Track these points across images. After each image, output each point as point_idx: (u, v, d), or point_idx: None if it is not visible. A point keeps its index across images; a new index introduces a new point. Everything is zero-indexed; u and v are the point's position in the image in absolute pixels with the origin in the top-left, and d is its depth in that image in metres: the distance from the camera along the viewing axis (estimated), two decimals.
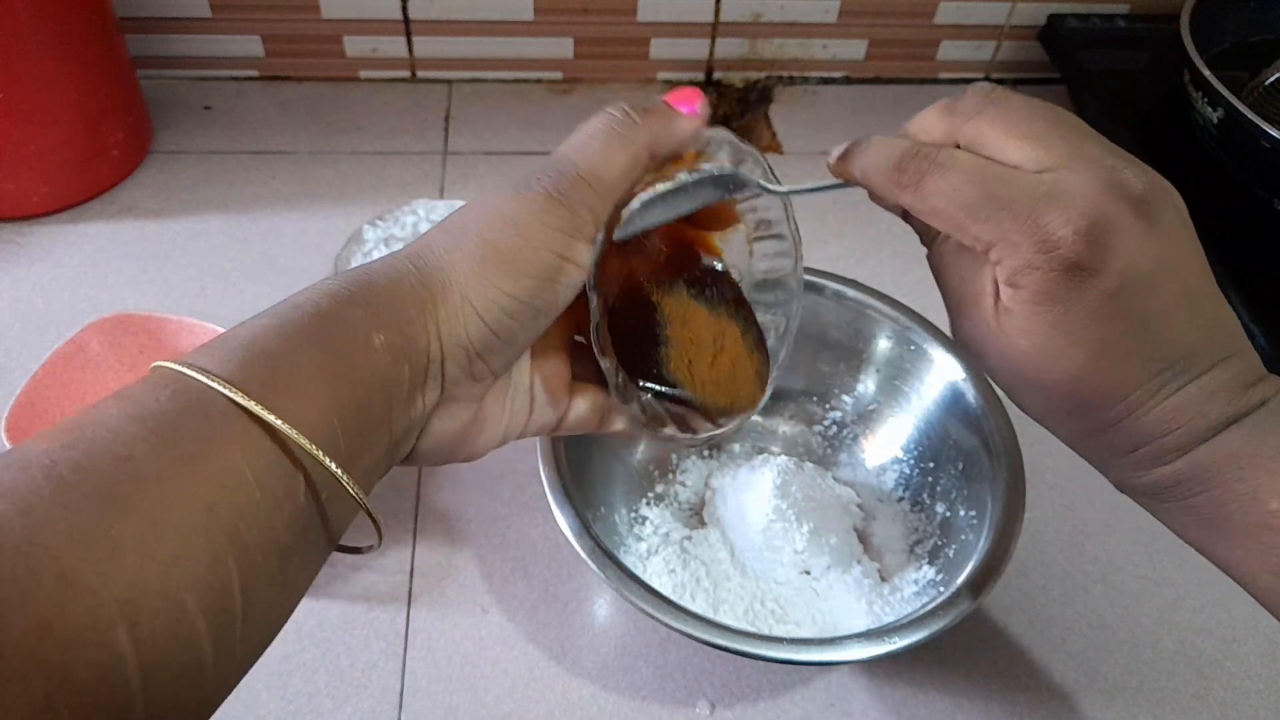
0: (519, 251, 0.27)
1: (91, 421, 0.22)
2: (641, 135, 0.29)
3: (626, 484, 0.49)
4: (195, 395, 0.23)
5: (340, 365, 0.25)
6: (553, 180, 0.28)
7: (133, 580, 0.20)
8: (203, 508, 0.21)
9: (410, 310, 0.27)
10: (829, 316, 0.49)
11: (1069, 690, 0.44)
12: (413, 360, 0.27)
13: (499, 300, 0.27)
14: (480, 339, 0.27)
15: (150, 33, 0.70)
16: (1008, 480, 0.42)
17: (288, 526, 0.24)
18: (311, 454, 0.23)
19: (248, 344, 0.24)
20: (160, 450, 0.21)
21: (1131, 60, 0.71)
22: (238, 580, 0.22)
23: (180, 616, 0.21)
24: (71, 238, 0.61)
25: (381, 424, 0.26)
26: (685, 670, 0.44)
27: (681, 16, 0.72)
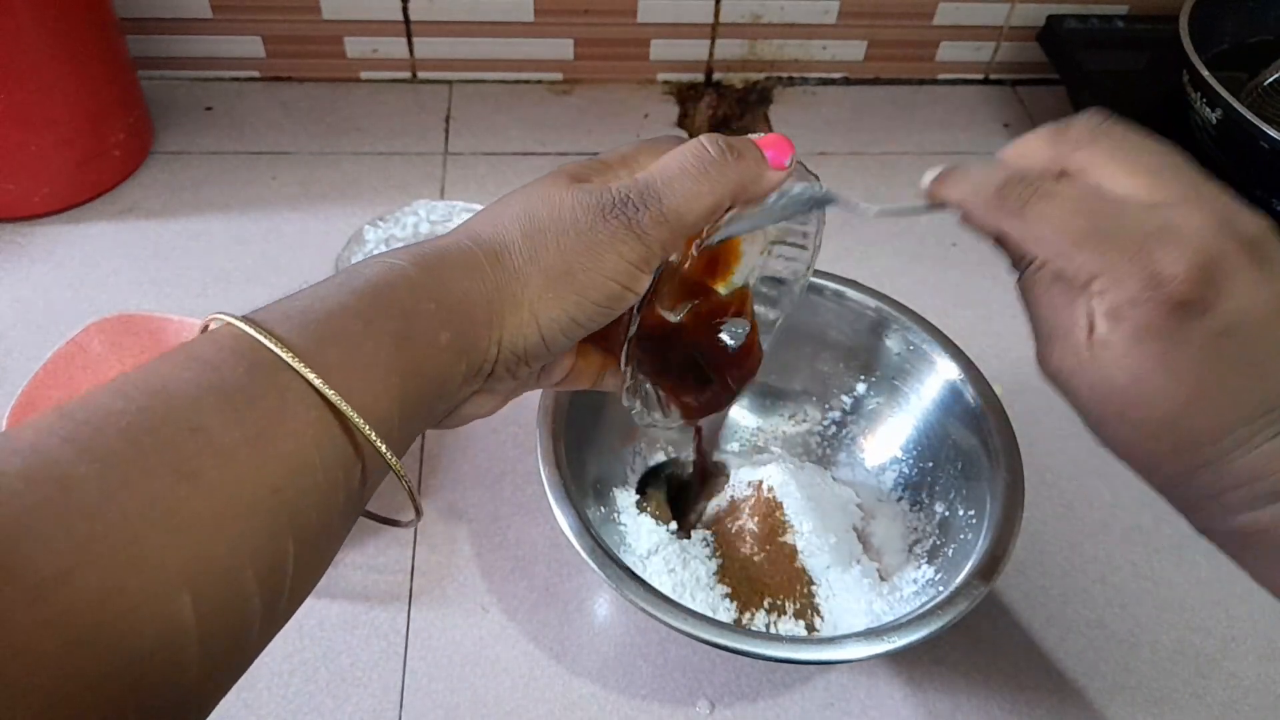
0: (591, 279, 0.28)
1: (167, 385, 0.22)
2: (731, 181, 0.29)
3: (627, 483, 0.49)
4: (271, 370, 0.23)
5: (410, 361, 0.26)
6: (635, 210, 0.28)
7: (199, 553, 0.20)
8: (270, 488, 0.22)
9: (479, 315, 0.27)
10: (829, 316, 0.49)
11: (1068, 689, 0.44)
12: (470, 359, 0.27)
13: (561, 320, 0.28)
14: (534, 349, 0.28)
15: (151, 33, 0.70)
16: (1007, 480, 0.42)
17: (341, 509, 0.24)
18: (376, 448, 0.24)
19: (324, 321, 0.25)
20: (234, 425, 0.22)
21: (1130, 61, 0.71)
22: (292, 558, 0.23)
23: (240, 591, 0.21)
24: (73, 238, 0.61)
25: (430, 411, 0.27)
26: (685, 670, 0.44)
27: (681, 17, 0.73)
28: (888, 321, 0.48)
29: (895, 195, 0.69)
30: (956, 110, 0.77)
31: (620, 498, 0.48)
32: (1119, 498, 0.52)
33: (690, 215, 0.28)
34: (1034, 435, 0.48)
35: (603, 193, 0.28)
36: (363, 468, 0.25)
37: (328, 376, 0.23)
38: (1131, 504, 0.52)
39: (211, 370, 0.23)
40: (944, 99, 0.78)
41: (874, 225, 0.66)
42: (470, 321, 0.27)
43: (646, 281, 0.29)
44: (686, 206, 0.28)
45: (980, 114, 0.77)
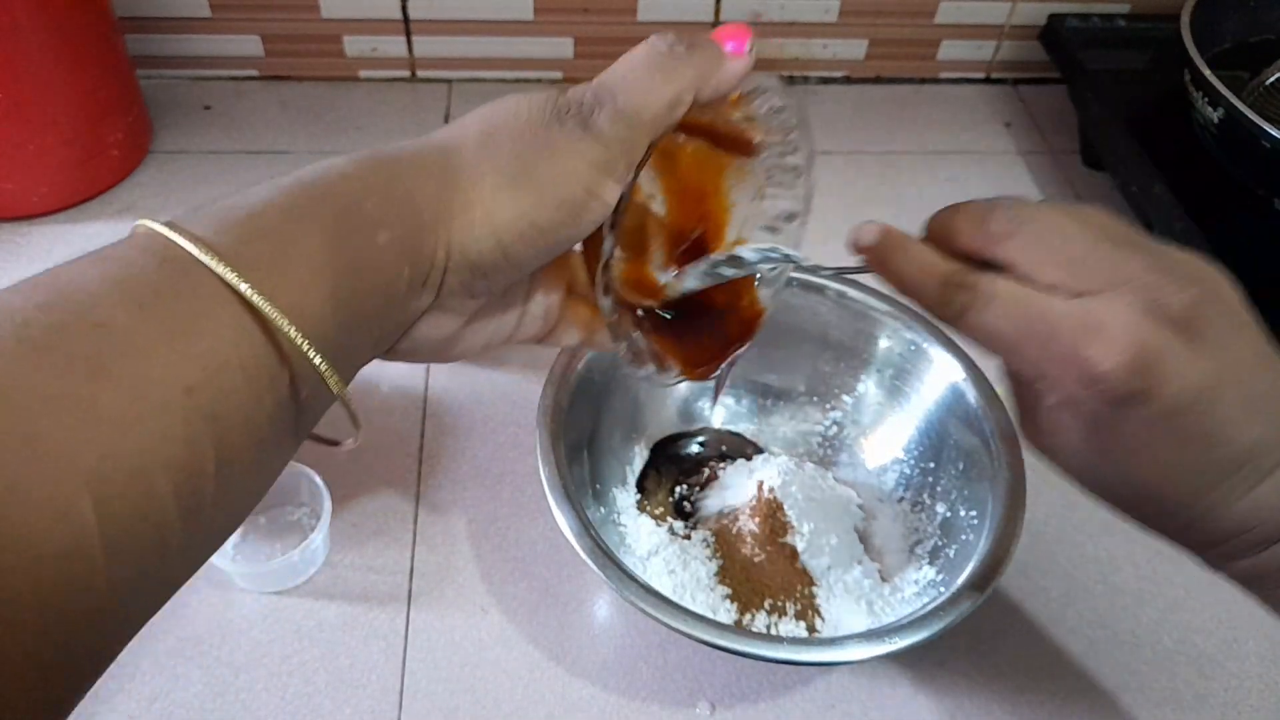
0: (550, 179, 0.26)
1: (71, 283, 0.21)
2: (687, 73, 0.27)
3: (627, 483, 0.49)
4: (184, 267, 0.22)
5: (343, 258, 0.24)
6: (591, 110, 0.27)
7: (105, 452, 0.19)
8: (182, 387, 0.20)
9: (425, 213, 0.25)
10: (829, 316, 0.49)
11: (1070, 690, 0.44)
12: (415, 262, 0.25)
13: (518, 224, 0.26)
14: (490, 258, 0.26)
15: (150, 32, 0.70)
16: (1008, 480, 0.42)
17: (269, 418, 0.23)
18: (301, 348, 0.22)
19: (246, 219, 0.23)
20: (143, 322, 0.20)
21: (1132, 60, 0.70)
22: (212, 465, 0.21)
23: (150, 494, 0.20)
24: (71, 237, 0.61)
25: (372, 320, 0.26)
26: (685, 670, 0.44)
27: (681, 16, 0.72)
28: (889, 321, 0.48)
29: (896, 194, 0.69)
30: (958, 109, 0.77)
31: (620, 498, 0.48)
32: None
33: (647, 110, 0.27)
34: None
35: (558, 95, 0.27)
36: (292, 373, 0.23)
37: (245, 273, 0.22)
38: None
39: (120, 267, 0.21)
40: (945, 98, 0.78)
41: None
42: (415, 220, 0.25)
43: (612, 189, 0.27)
44: (642, 101, 0.27)
45: (981, 113, 0.76)
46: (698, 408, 0.52)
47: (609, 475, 0.48)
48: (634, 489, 0.49)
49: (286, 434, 0.24)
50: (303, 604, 0.45)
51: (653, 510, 0.48)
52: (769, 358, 0.51)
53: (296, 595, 0.45)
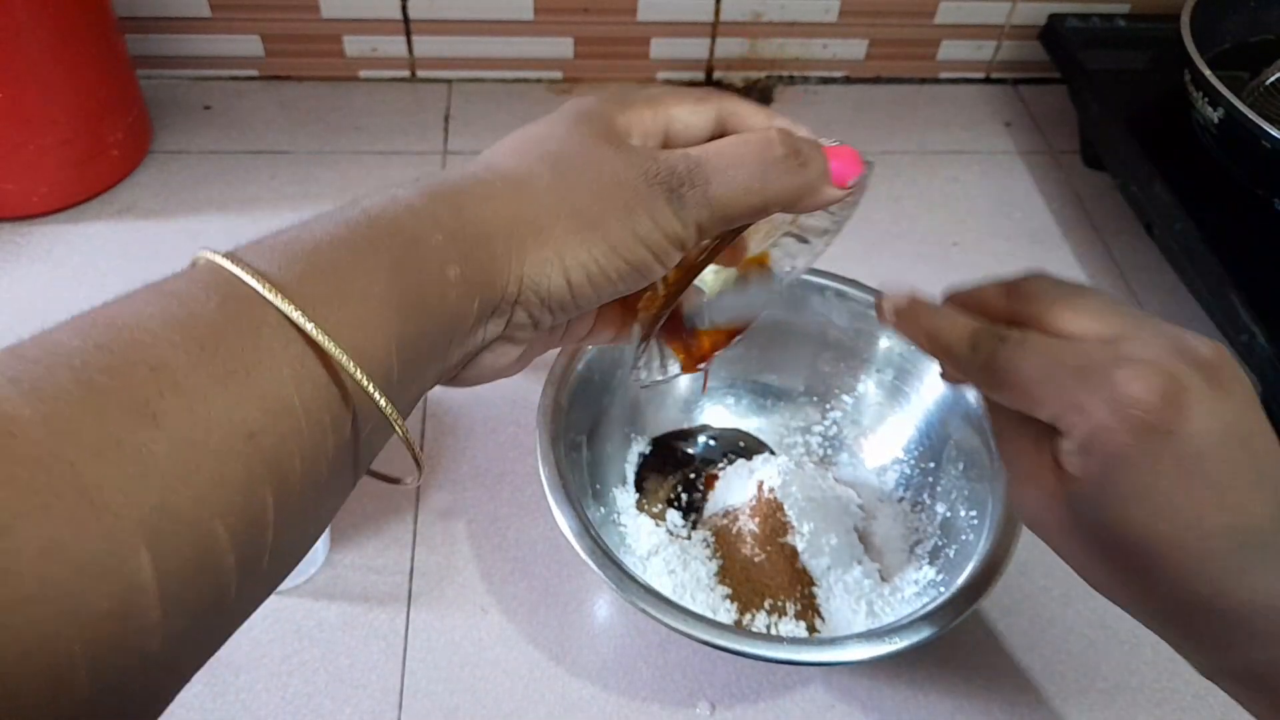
0: (625, 236, 0.26)
1: (129, 322, 0.20)
2: (788, 189, 0.27)
3: (627, 483, 0.49)
4: (246, 304, 0.21)
5: (410, 294, 0.23)
6: (682, 184, 0.26)
7: (162, 504, 0.18)
8: (244, 433, 0.20)
9: (497, 246, 0.25)
10: (829, 316, 0.49)
11: (1070, 690, 0.44)
12: (485, 296, 0.25)
13: (589, 267, 0.26)
14: (559, 295, 0.26)
15: (150, 32, 0.70)
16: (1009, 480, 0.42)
17: (330, 460, 0.22)
18: (365, 390, 0.22)
19: (311, 253, 0.22)
20: (202, 364, 0.19)
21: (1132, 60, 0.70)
22: (272, 512, 0.20)
23: (210, 547, 0.19)
24: (71, 238, 0.61)
25: (438, 356, 0.25)
26: (685, 670, 0.44)
27: (681, 16, 0.72)
28: None
29: (896, 194, 0.69)
30: (958, 109, 0.77)
31: (620, 498, 0.48)
32: None
33: (735, 209, 0.27)
34: None
35: (649, 156, 0.26)
36: (354, 413, 0.22)
37: (309, 310, 0.21)
38: None
39: (179, 305, 0.20)
40: (945, 98, 0.78)
41: (874, 225, 0.66)
42: (486, 253, 0.25)
43: (676, 258, 0.27)
44: (733, 199, 0.26)
45: (981, 113, 0.76)
46: (697, 407, 0.52)
47: (609, 475, 0.48)
48: (634, 489, 0.49)
49: (345, 475, 0.24)
50: (303, 604, 0.45)
51: (652, 510, 0.48)
52: (769, 358, 0.51)
53: (296, 595, 0.45)
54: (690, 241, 0.27)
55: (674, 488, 0.49)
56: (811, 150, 0.28)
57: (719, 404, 0.52)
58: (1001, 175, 0.71)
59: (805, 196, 0.28)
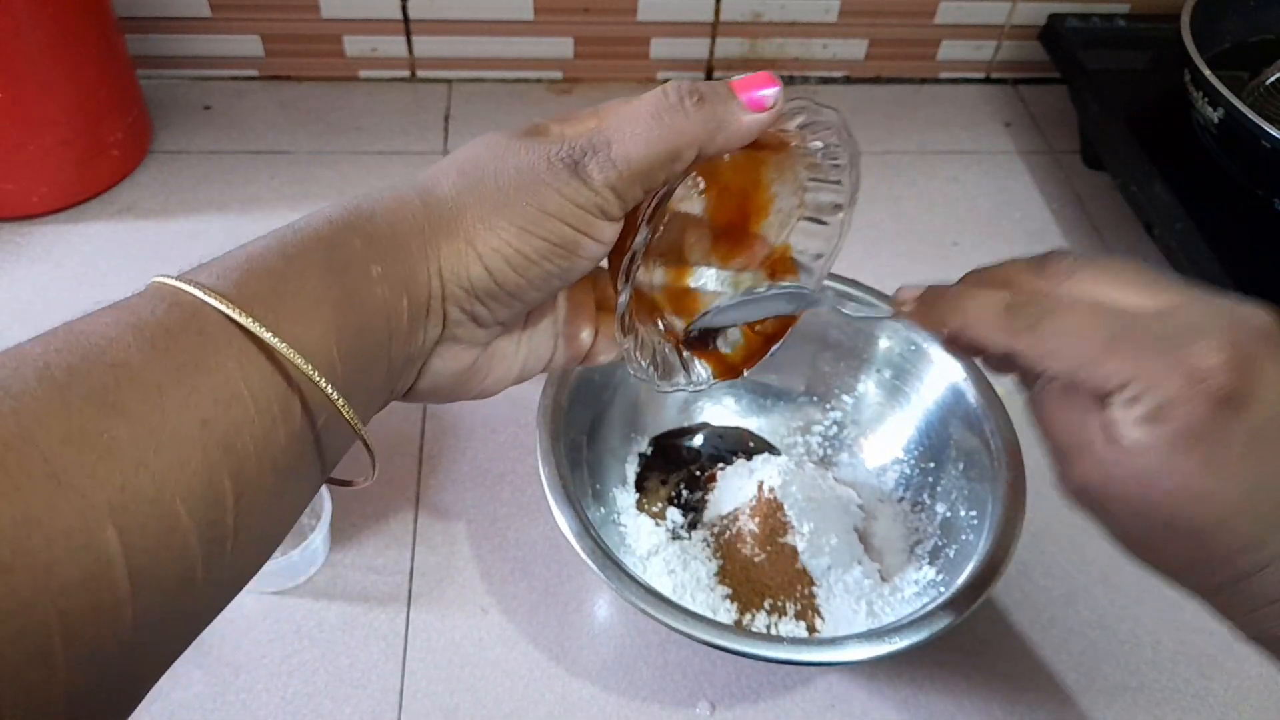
0: (534, 214, 0.26)
1: (85, 329, 0.22)
2: (690, 129, 0.27)
3: (627, 483, 0.49)
4: (192, 310, 0.23)
5: (340, 290, 0.25)
6: (582, 152, 0.26)
7: (125, 485, 0.20)
8: (198, 420, 0.21)
9: (411, 244, 0.26)
10: (829, 316, 0.49)
11: (1070, 690, 0.44)
12: (412, 292, 0.26)
13: (503, 251, 0.27)
14: (482, 284, 0.27)
15: (150, 32, 0.70)
16: (1008, 480, 0.42)
17: (284, 448, 0.24)
18: (307, 375, 0.23)
19: (245, 263, 0.24)
20: (156, 360, 0.21)
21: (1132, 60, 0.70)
22: (232, 496, 0.22)
23: (173, 526, 0.21)
24: (71, 238, 0.61)
25: (380, 353, 0.26)
26: (685, 670, 0.44)
27: (682, 16, 0.72)
28: (889, 321, 0.48)
29: (896, 194, 0.69)
30: (958, 109, 0.77)
31: (620, 498, 0.48)
32: None
33: (643, 161, 0.26)
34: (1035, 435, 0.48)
35: (553, 142, 0.27)
36: (303, 402, 0.24)
37: (247, 308, 0.23)
38: None
39: (131, 314, 0.22)
40: (945, 98, 0.78)
41: (874, 225, 0.66)
42: (402, 253, 0.26)
43: (607, 229, 0.27)
44: (638, 152, 0.26)
45: (981, 113, 0.76)
46: (696, 406, 0.52)
47: (609, 475, 0.48)
48: (634, 489, 0.49)
49: (307, 463, 0.25)
50: (303, 604, 0.45)
51: (652, 510, 0.48)
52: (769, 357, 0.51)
53: (296, 595, 0.45)
54: (611, 206, 0.27)
55: (674, 488, 0.49)
56: (710, 88, 0.27)
57: (719, 404, 0.52)
58: (1001, 175, 0.71)
59: (718, 129, 0.27)
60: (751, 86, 0.28)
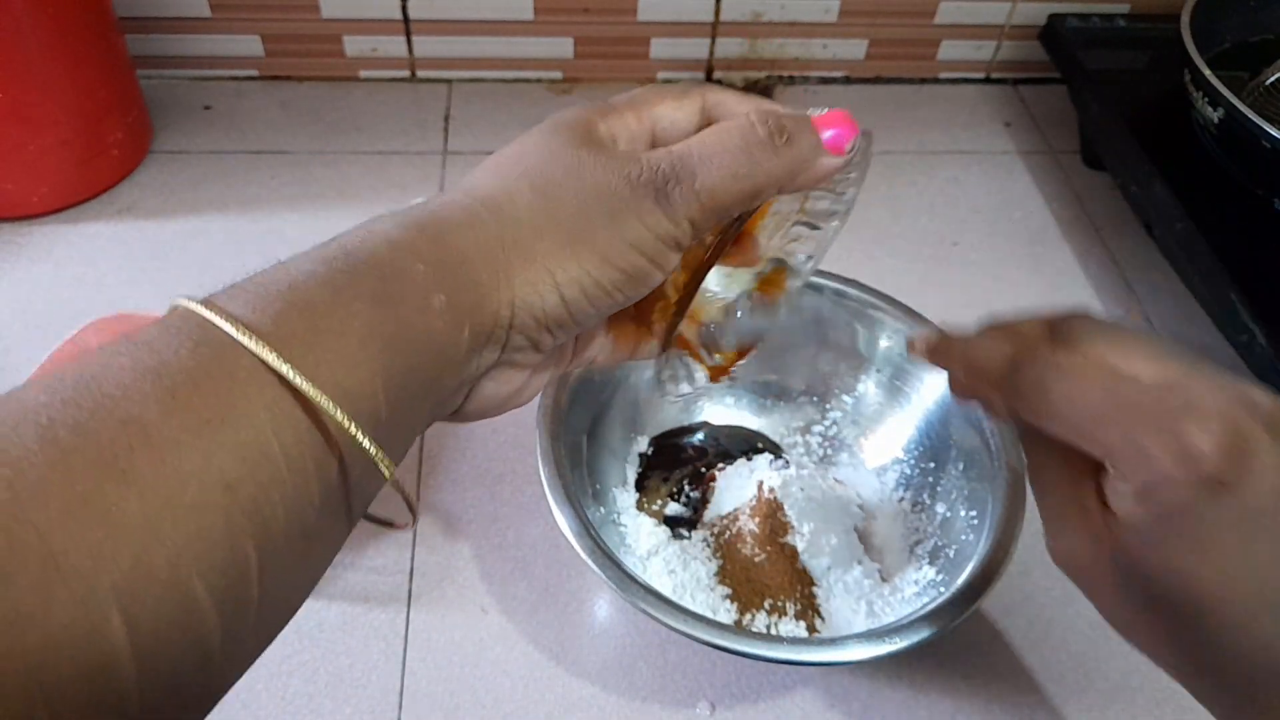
0: (615, 244, 0.25)
1: (98, 374, 0.19)
2: (778, 170, 0.26)
3: (627, 483, 0.49)
4: (220, 349, 0.20)
5: (393, 328, 0.22)
6: (667, 182, 0.25)
7: (135, 564, 0.17)
8: (220, 484, 0.19)
9: (482, 272, 0.24)
10: (829, 316, 0.49)
11: (1070, 691, 0.44)
12: (476, 322, 0.24)
13: (583, 281, 0.25)
14: (556, 314, 0.25)
15: (150, 32, 0.70)
16: (1009, 480, 0.42)
17: (316, 508, 0.21)
18: (348, 432, 0.21)
19: (286, 293, 0.21)
20: (175, 413, 0.19)
21: (1132, 60, 0.70)
22: (256, 566, 0.20)
23: (188, 606, 0.18)
24: (71, 238, 0.61)
25: (429, 391, 0.24)
26: (685, 670, 0.44)
27: (682, 16, 0.72)
28: (889, 321, 0.48)
29: (896, 194, 0.69)
30: (957, 109, 0.77)
31: (620, 498, 0.48)
32: None
33: (726, 197, 0.26)
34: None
35: (630, 159, 0.25)
36: (340, 456, 0.21)
37: (283, 350, 0.20)
38: None
39: (150, 353, 0.20)
40: (945, 98, 0.78)
41: (874, 225, 0.66)
42: (471, 280, 0.24)
43: (674, 260, 0.26)
44: (723, 188, 0.25)
45: (981, 113, 0.76)
46: (697, 405, 0.52)
47: (609, 475, 0.48)
48: (634, 489, 0.49)
49: (337, 520, 0.23)
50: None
51: (652, 510, 0.48)
52: (769, 357, 0.51)
53: None
54: (685, 239, 0.26)
55: (674, 487, 0.49)
56: (797, 124, 0.27)
57: (719, 403, 0.52)
58: (1001, 175, 0.71)
59: (799, 172, 0.27)
60: (832, 125, 0.27)
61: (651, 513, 0.48)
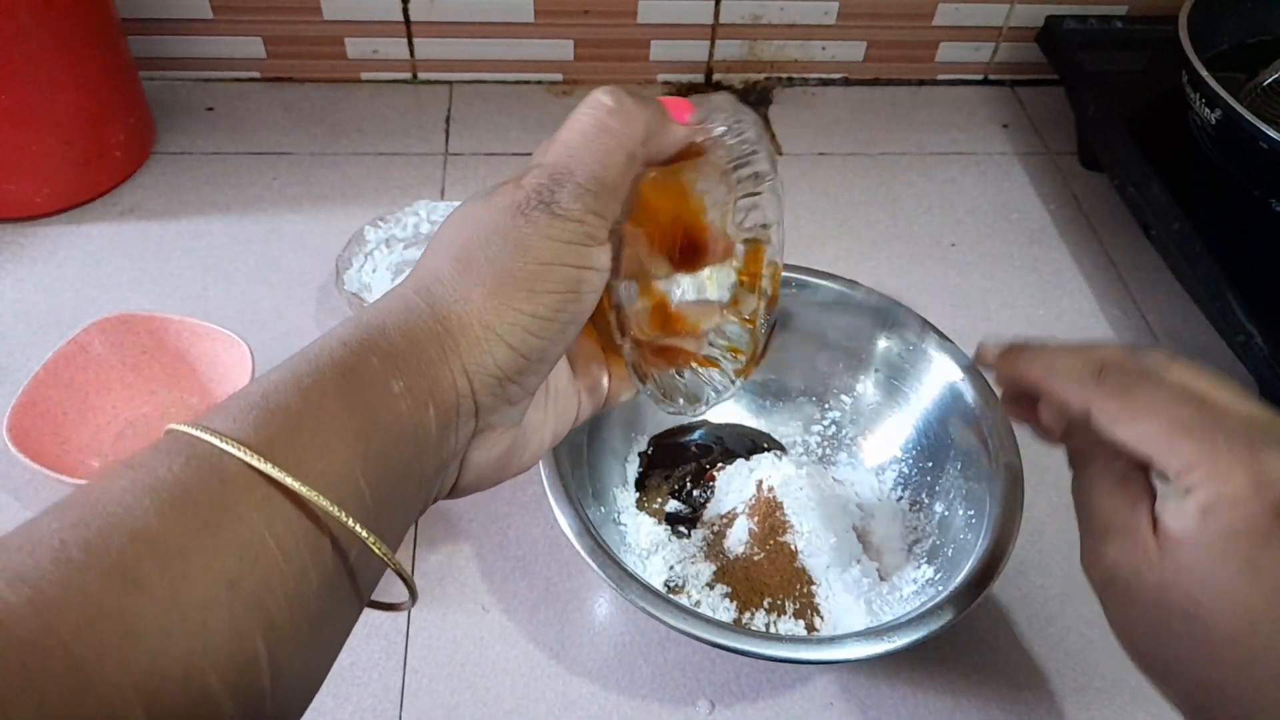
0: (533, 272, 0.26)
1: (101, 497, 0.21)
2: (636, 128, 0.27)
3: (627, 482, 0.49)
4: (209, 460, 0.22)
5: (361, 417, 0.24)
6: (549, 191, 0.26)
7: (153, 665, 0.19)
8: (224, 582, 0.20)
9: (430, 351, 0.25)
10: (829, 316, 0.49)
11: (1068, 689, 0.45)
12: (438, 400, 0.25)
13: (520, 321, 0.26)
14: (509, 363, 0.26)
15: (152, 34, 0.70)
16: (1006, 479, 0.42)
17: (317, 593, 0.23)
18: (335, 516, 0.22)
19: (261, 401, 0.23)
20: (176, 522, 0.21)
21: (1130, 62, 0.71)
22: (266, 655, 0.21)
23: (205, 698, 0.20)
24: (74, 238, 0.62)
25: (410, 471, 0.25)
26: (685, 669, 0.44)
27: (681, 18, 0.73)
28: (888, 321, 0.48)
29: (895, 195, 0.69)
30: (955, 110, 0.77)
31: (620, 498, 0.48)
32: None
33: (609, 177, 0.26)
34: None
35: (514, 192, 0.26)
36: (333, 542, 0.23)
37: (264, 451, 0.22)
38: None
39: (147, 473, 0.21)
40: (943, 99, 0.78)
41: (872, 225, 0.66)
42: (422, 362, 0.25)
43: (600, 254, 0.27)
44: (601, 170, 0.26)
45: (979, 114, 0.77)
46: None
47: (609, 475, 0.48)
48: (634, 488, 0.49)
49: (342, 602, 0.24)
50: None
51: (652, 509, 0.48)
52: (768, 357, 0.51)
53: None
54: (597, 228, 0.27)
55: (676, 485, 0.49)
56: (641, 96, 0.28)
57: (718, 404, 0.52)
58: (999, 176, 0.71)
59: (655, 130, 0.28)
60: (671, 106, 0.29)
61: (652, 511, 0.48)
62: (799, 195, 0.67)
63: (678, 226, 0.32)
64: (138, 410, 0.51)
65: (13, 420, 0.45)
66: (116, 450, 0.49)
